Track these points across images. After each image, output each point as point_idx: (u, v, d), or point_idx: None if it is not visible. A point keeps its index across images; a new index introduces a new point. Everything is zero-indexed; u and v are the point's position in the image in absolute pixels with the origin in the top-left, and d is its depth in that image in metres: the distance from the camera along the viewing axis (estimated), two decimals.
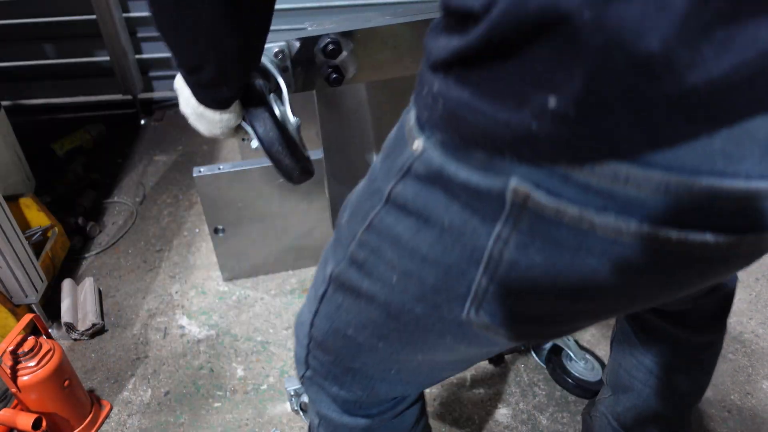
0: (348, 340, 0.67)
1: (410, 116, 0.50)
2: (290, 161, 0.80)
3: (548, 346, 1.47)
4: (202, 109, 0.74)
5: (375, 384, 0.73)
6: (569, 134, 0.40)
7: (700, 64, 0.36)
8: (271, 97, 0.81)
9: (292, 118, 0.82)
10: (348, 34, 0.95)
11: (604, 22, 0.36)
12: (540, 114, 0.40)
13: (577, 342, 1.48)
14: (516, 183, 0.43)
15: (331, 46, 0.93)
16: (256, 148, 0.81)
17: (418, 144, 0.48)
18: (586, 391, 1.40)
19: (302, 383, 0.82)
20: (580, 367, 1.42)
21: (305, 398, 1.25)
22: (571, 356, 1.43)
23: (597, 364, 1.45)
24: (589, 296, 0.48)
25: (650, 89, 0.37)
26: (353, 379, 0.73)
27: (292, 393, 1.28)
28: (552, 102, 0.39)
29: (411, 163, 0.49)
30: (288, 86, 0.87)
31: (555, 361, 1.45)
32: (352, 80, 0.99)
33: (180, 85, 0.77)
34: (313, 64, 0.96)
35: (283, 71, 0.94)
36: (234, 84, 0.72)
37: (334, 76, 0.96)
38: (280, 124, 0.80)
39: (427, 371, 0.71)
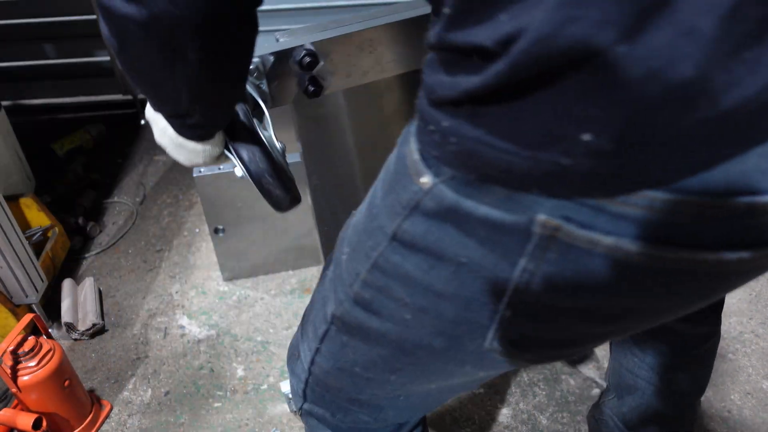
0: (355, 376, 0.66)
1: (411, 150, 0.48)
2: (281, 192, 0.74)
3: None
4: (181, 140, 0.68)
5: (384, 411, 0.72)
6: (604, 168, 0.39)
7: (734, 85, 0.36)
8: (255, 122, 0.75)
9: (278, 144, 0.77)
10: (323, 43, 0.90)
11: (636, 55, 0.35)
12: (571, 149, 0.39)
13: None
14: (544, 217, 0.42)
15: (307, 59, 0.88)
16: (241, 177, 0.75)
17: (426, 180, 0.46)
18: None
19: (299, 415, 0.80)
20: None
21: None
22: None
23: None
24: (617, 317, 0.49)
25: (687, 116, 0.37)
26: (360, 408, 0.72)
27: (290, 396, 1.28)
28: (586, 137, 0.38)
29: (419, 200, 0.47)
30: (265, 102, 0.82)
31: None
32: (331, 89, 0.94)
33: (153, 115, 0.70)
34: (288, 77, 0.90)
35: (258, 89, 0.88)
36: (221, 122, 0.68)
37: (312, 88, 0.91)
38: (268, 153, 0.74)
39: (436, 395, 0.70)
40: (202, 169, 1.55)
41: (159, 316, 1.68)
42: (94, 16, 2.28)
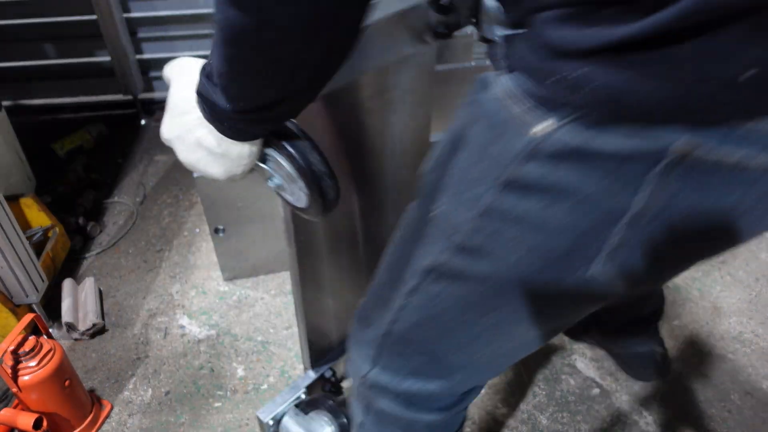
0: (442, 326, 0.69)
1: (508, 107, 0.52)
2: (335, 193, 0.68)
3: None
4: (227, 145, 0.63)
5: (453, 375, 0.75)
6: (754, 98, 0.45)
7: None
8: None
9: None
10: None
11: None
12: (726, 85, 0.44)
13: None
14: (679, 144, 0.47)
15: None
16: (277, 186, 0.69)
17: (543, 127, 0.50)
18: None
19: (360, 383, 0.83)
20: None
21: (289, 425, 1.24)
22: None
23: None
24: (719, 231, 0.53)
25: None
26: (431, 370, 0.75)
27: (271, 423, 1.27)
28: (748, 73, 0.43)
29: (536, 146, 0.51)
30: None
31: None
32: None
33: (183, 129, 0.65)
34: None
35: None
36: (295, 114, 0.63)
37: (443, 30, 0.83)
38: (321, 150, 0.66)
39: (510, 349, 0.73)
40: None
41: (159, 316, 1.69)
42: (94, 17, 2.28)
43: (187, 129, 0.65)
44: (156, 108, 2.64)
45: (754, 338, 1.56)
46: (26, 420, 1.23)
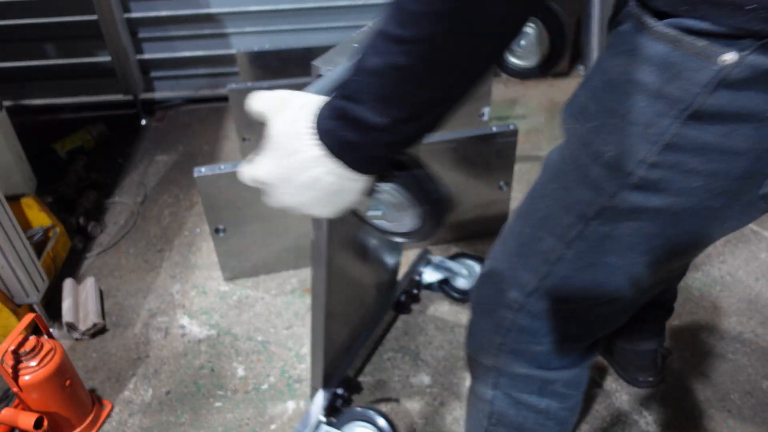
0: (598, 273, 0.72)
1: (687, 44, 0.56)
2: (446, 217, 0.66)
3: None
4: (346, 182, 0.60)
5: (596, 323, 0.79)
6: None
7: None
8: None
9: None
10: None
11: None
12: None
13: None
14: None
15: None
16: (375, 216, 0.67)
17: (730, 56, 0.54)
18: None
19: (488, 355, 0.86)
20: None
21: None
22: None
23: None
24: None
25: None
26: (574, 321, 0.79)
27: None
28: None
29: (722, 77, 0.55)
30: None
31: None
32: None
33: (291, 170, 0.60)
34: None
35: None
36: (431, 131, 0.61)
37: None
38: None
39: (644, 292, 0.77)
40: (202, 169, 1.56)
41: (160, 316, 1.69)
42: (95, 17, 2.28)
43: (297, 170, 0.60)
44: (156, 108, 2.65)
45: (754, 338, 1.56)
46: (27, 420, 1.23)
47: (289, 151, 0.59)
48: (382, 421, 1.25)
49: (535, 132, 2.39)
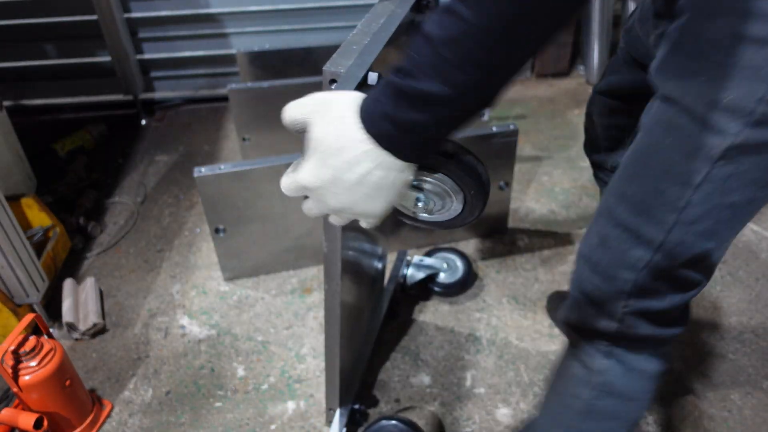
0: (727, 210, 0.75)
1: None
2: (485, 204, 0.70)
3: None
4: (395, 174, 0.60)
5: (712, 267, 0.81)
6: None
7: None
8: None
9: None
10: None
11: None
12: None
13: None
14: None
15: None
16: (417, 208, 0.70)
17: None
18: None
19: (622, 312, 0.86)
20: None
21: None
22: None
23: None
24: None
25: None
26: (695, 274, 0.81)
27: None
28: None
29: None
30: None
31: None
32: None
33: (339, 170, 0.60)
34: None
35: None
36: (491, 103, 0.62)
37: None
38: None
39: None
40: (202, 169, 1.56)
41: (160, 316, 1.69)
42: (95, 17, 2.28)
43: (344, 168, 0.59)
44: (156, 108, 2.65)
45: (754, 338, 1.56)
46: (27, 420, 1.23)
47: (335, 151, 0.59)
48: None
49: (535, 132, 2.39)
